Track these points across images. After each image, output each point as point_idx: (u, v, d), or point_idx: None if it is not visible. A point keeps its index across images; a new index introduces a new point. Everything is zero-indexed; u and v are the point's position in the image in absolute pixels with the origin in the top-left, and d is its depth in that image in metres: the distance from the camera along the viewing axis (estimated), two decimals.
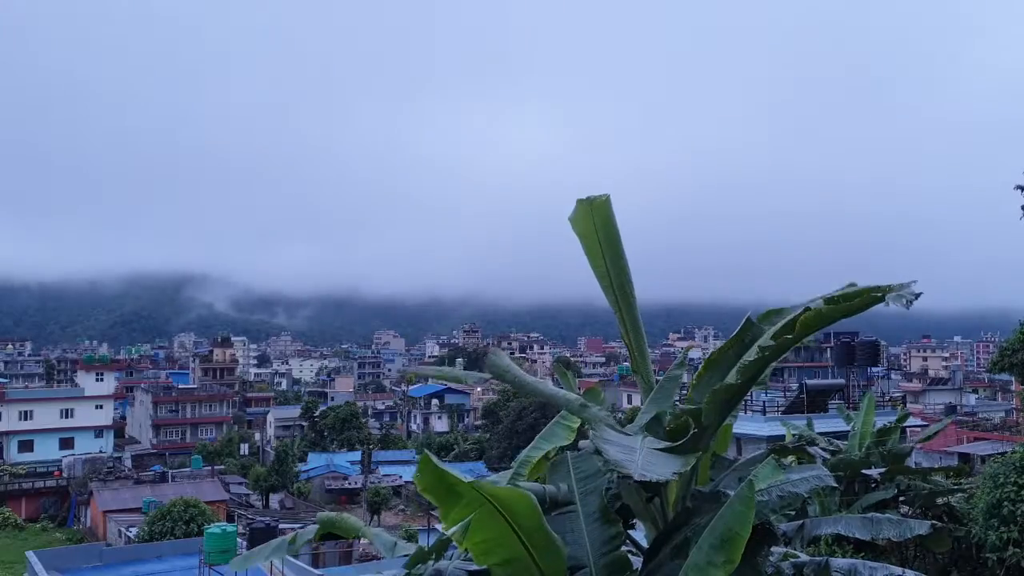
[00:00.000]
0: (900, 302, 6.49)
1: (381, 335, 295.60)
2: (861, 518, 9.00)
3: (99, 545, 42.10)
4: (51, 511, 67.95)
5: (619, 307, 7.80)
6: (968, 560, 17.60)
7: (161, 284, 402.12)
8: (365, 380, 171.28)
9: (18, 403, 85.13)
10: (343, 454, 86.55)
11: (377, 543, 8.25)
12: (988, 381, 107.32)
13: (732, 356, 7.45)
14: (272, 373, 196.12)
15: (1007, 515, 15.67)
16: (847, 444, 20.55)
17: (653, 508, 7.47)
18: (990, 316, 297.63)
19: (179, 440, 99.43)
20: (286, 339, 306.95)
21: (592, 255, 7.77)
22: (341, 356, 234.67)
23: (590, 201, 7.59)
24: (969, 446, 45.89)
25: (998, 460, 17.91)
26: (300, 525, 48.04)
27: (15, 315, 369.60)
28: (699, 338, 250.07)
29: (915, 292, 6.51)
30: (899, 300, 6.50)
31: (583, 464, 7.31)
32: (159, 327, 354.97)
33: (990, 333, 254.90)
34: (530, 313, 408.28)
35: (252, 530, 37.93)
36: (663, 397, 7.67)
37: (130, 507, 56.36)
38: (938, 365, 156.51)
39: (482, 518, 6.03)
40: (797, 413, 35.14)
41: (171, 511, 44.81)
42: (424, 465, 5.97)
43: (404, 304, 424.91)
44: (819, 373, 65.18)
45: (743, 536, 5.86)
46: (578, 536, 6.80)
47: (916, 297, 6.49)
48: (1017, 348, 23.28)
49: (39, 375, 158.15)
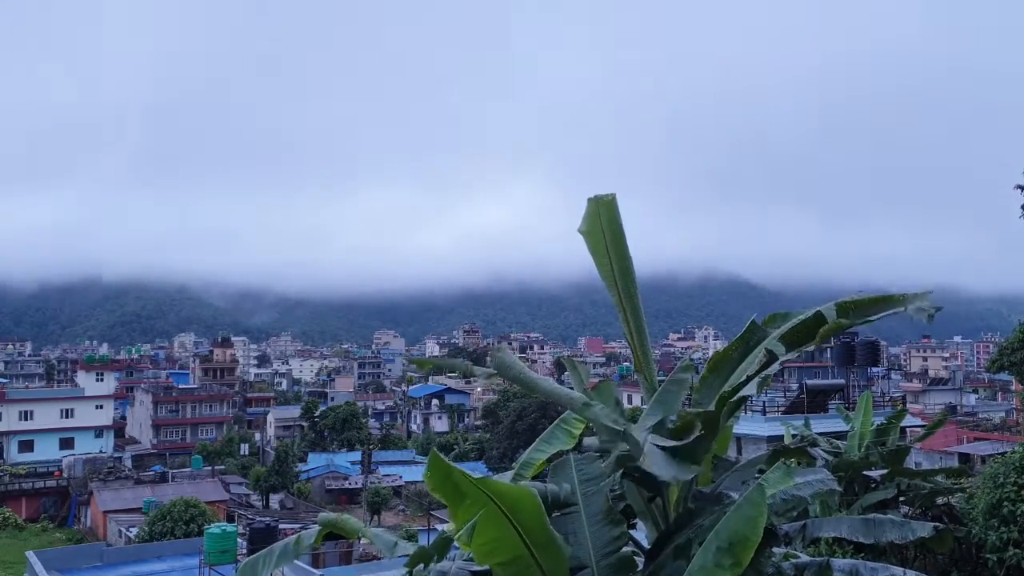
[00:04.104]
0: (921, 315, 6.39)
1: (381, 335, 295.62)
2: (863, 520, 8.99)
3: (99, 545, 42.04)
4: (51, 511, 67.92)
5: (623, 306, 7.77)
6: (968, 560, 17.59)
7: (161, 284, 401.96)
8: (365, 380, 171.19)
9: (18, 403, 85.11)
10: (343, 454, 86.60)
11: (377, 543, 8.25)
12: (988, 381, 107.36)
13: (736, 358, 7.45)
14: (272, 373, 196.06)
15: (1007, 515, 15.67)
16: (846, 444, 20.57)
17: (655, 508, 7.47)
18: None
19: (179, 440, 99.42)
20: (286, 339, 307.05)
21: (597, 254, 7.74)
22: (341, 356, 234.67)
23: (597, 200, 7.58)
24: (969, 446, 45.96)
25: (998, 460, 17.91)
26: (300, 525, 48.09)
27: (15, 315, 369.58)
28: (699, 338, 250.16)
29: (935, 306, 6.41)
30: (920, 313, 6.39)
31: (586, 465, 7.31)
32: (159, 327, 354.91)
33: (990, 333, 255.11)
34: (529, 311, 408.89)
35: (252, 530, 37.86)
36: (668, 400, 7.63)
37: (130, 507, 56.35)
38: (938, 365, 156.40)
39: (486, 518, 6.04)
40: (797, 413, 35.14)
41: (171, 511, 44.82)
42: (434, 463, 5.99)
43: (404, 304, 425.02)
44: (819, 373, 65.14)
45: (753, 541, 5.84)
46: (580, 536, 6.80)
47: (937, 311, 6.39)
48: (1016, 348, 23.31)
49: (39, 375, 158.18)
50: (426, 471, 6.04)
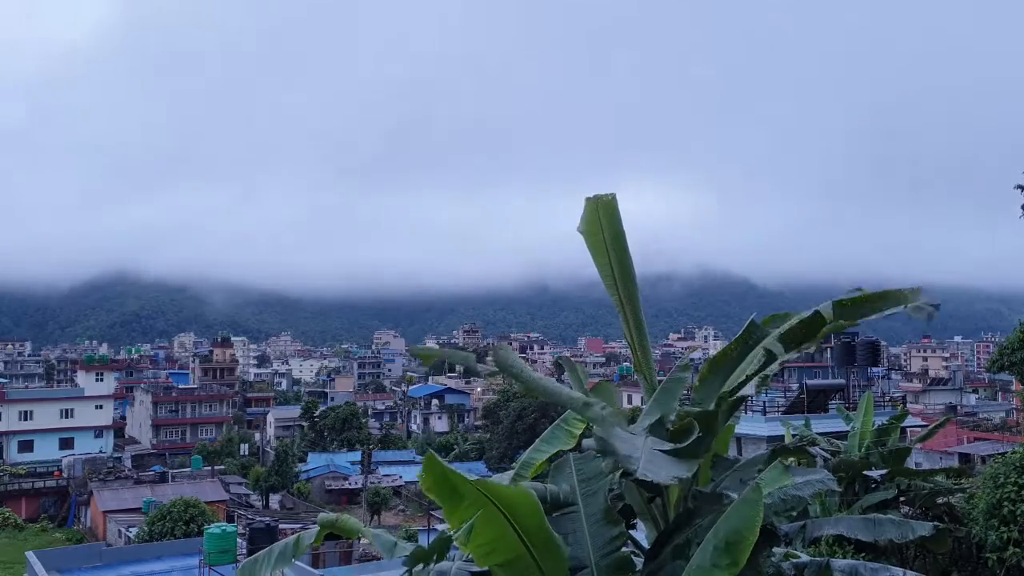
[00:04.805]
0: (920, 315, 6.33)
1: (381, 335, 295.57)
2: (863, 519, 8.99)
3: (99, 545, 42.02)
4: (51, 511, 67.95)
5: (623, 306, 7.74)
6: (968, 560, 17.58)
7: (162, 284, 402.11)
8: (365, 380, 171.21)
9: (18, 403, 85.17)
10: (343, 454, 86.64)
11: (377, 543, 8.23)
12: (988, 381, 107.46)
13: (736, 358, 7.43)
14: (272, 373, 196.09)
15: (1007, 515, 15.66)
16: (847, 444, 20.56)
17: (654, 508, 7.45)
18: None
19: (179, 440, 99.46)
20: (286, 339, 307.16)
21: (597, 253, 7.69)
22: (341, 356, 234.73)
23: (597, 200, 7.54)
24: (969, 446, 45.99)
25: (998, 460, 17.89)
26: (300, 525, 48.10)
27: (15, 315, 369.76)
28: (699, 338, 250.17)
29: (934, 303, 6.35)
30: (919, 313, 6.34)
31: (585, 465, 7.29)
32: (159, 327, 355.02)
33: (990, 333, 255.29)
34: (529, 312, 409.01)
35: (252, 530, 37.86)
36: (667, 399, 7.63)
37: (130, 507, 56.39)
38: (938, 365, 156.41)
39: (485, 519, 6.02)
40: (797, 413, 35.13)
41: (171, 511, 44.83)
42: (428, 464, 5.96)
43: (404, 304, 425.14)
44: (819, 373, 65.24)
45: (750, 540, 5.81)
46: (580, 537, 6.78)
47: (936, 308, 6.32)
48: (1016, 348, 23.26)
49: (39, 375, 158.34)
50: (420, 471, 6.02)
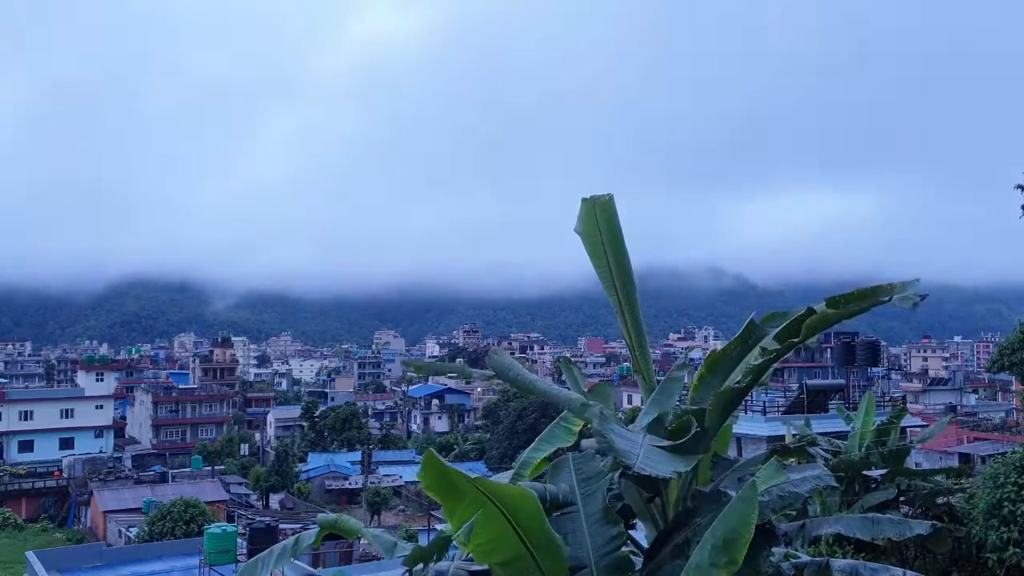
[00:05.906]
0: (906, 304, 6.44)
1: (381, 335, 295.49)
2: (861, 518, 9.00)
3: (99, 545, 42.04)
4: (51, 511, 67.95)
5: (621, 307, 7.77)
6: (968, 560, 17.59)
7: (162, 284, 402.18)
8: (365, 380, 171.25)
9: (18, 403, 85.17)
10: (343, 454, 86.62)
11: (377, 543, 8.25)
12: (988, 381, 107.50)
13: (735, 357, 7.45)
14: (272, 373, 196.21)
15: (1007, 515, 15.68)
16: (847, 444, 20.58)
17: (654, 508, 7.46)
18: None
19: (179, 440, 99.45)
20: (286, 339, 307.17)
21: (595, 254, 7.72)
22: (341, 356, 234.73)
23: (594, 201, 7.55)
24: (969, 446, 45.93)
25: (998, 460, 17.91)
26: (300, 525, 48.12)
27: (15, 315, 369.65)
28: (699, 338, 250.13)
29: (920, 293, 6.46)
30: (905, 302, 6.45)
31: (585, 465, 7.30)
32: (159, 327, 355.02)
33: (990, 333, 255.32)
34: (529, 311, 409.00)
35: (252, 530, 37.84)
36: (665, 397, 7.65)
37: (130, 507, 56.38)
38: (938, 365, 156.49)
39: (485, 518, 6.02)
40: (797, 413, 35.15)
41: (171, 511, 44.84)
42: (428, 462, 5.97)
43: (404, 304, 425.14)
44: (819, 373, 65.32)
45: (746, 538, 5.84)
46: (579, 536, 6.79)
47: (922, 299, 6.44)
48: (1016, 348, 23.26)
49: (39, 375, 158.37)
50: (420, 470, 6.02)
